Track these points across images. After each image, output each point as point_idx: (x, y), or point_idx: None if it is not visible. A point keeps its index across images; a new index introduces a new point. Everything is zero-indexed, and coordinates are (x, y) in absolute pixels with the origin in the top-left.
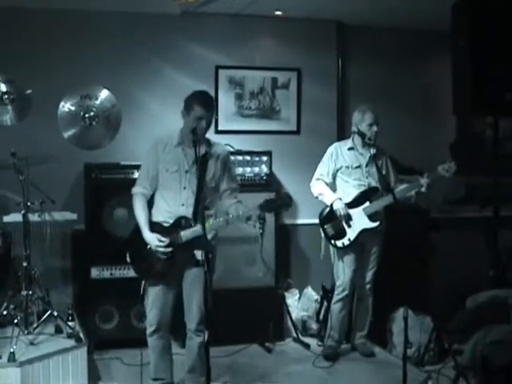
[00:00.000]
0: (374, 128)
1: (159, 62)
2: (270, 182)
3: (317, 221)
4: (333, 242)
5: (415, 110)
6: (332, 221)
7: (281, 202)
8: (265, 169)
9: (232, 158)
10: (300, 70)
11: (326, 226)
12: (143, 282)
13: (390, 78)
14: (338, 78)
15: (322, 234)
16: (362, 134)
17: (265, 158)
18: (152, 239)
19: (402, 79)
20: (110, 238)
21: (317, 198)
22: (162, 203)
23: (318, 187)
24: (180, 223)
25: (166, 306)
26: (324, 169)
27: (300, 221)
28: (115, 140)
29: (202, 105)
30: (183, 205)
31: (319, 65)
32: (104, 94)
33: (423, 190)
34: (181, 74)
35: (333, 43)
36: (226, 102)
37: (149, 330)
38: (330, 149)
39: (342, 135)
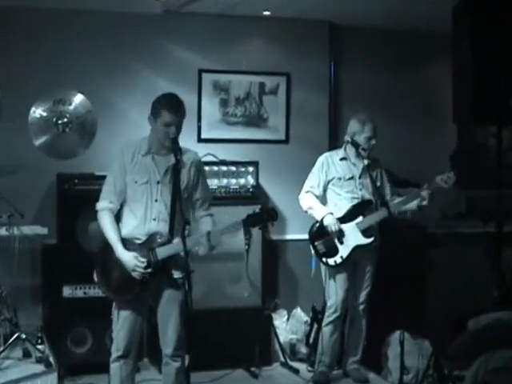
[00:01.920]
0: (373, 141)
1: (138, 65)
2: (256, 195)
3: (307, 236)
4: (324, 259)
5: (412, 118)
6: (323, 237)
7: (265, 216)
8: (251, 180)
9: (216, 168)
10: (289, 74)
11: (316, 243)
12: (113, 303)
13: (386, 83)
14: (331, 83)
15: (313, 252)
16: (356, 144)
17: (251, 169)
18: (130, 259)
19: (398, 84)
20: (84, 254)
21: (306, 212)
22: (130, 218)
23: (308, 200)
24: (154, 239)
25: (136, 330)
26: (314, 180)
27: (289, 236)
28: (90, 148)
29: (170, 110)
30: (155, 219)
31: (310, 69)
32: (78, 98)
33: (425, 202)
34: (162, 78)
35: (325, 45)
36: (209, 108)
37: (114, 355)
38: (321, 159)
39: (334, 144)
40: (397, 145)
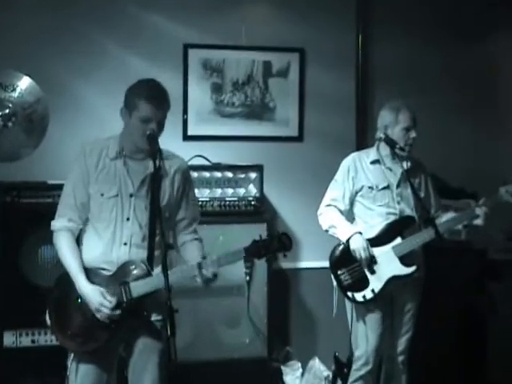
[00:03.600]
0: (412, 134)
1: (105, 41)
2: (260, 210)
3: (326, 264)
4: (350, 294)
5: (467, 108)
6: (349, 265)
7: (276, 245)
8: (253, 190)
9: (207, 174)
10: (303, 50)
11: (339, 272)
12: (71, 355)
13: (430, 61)
14: (358, 62)
15: (335, 283)
16: (391, 142)
17: (253, 175)
18: (94, 296)
19: (447, 63)
20: (32, 290)
21: (327, 231)
22: (94, 241)
23: (329, 217)
24: (128, 271)
25: None
26: (338, 191)
27: (303, 264)
28: (40, 149)
29: (150, 101)
30: (126, 244)
31: (330, 43)
32: (25, 83)
33: (479, 222)
34: (135, 56)
35: (350, 13)
36: (198, 95)
37: None
38: (347, 162)
39: (363, 142)
40: (447, 143)
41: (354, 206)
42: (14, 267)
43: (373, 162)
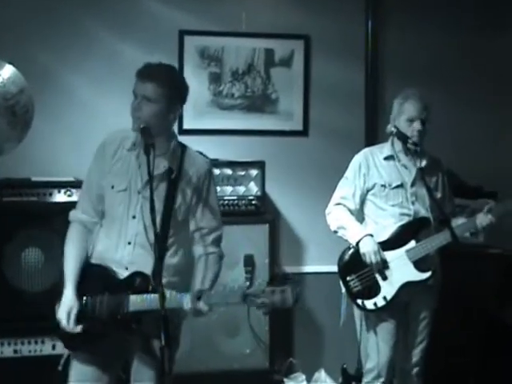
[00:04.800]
0: (417, 126)
1: (95, 26)
2: (261, 209)
3: (334, 268)
4: (360, 302)
5: (485, 100)
6: (359, 270)
7: (276, 300)
8: (254, 188)
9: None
10: (309, 37)
11: (348, 278)
12: (65, 354)
13: (446, 50)
14: (367, 50)
15: (343, 290)
16: (402, 137)
17: (254, 172)
18: (67, 304)
19: (465, 52)
20: (15, 296)
21: (335, 232)
22: (102, 238)
23: (338, 217)
24: (133, 282)
25: None
26: (348, 189)
27: (308, 268)
28: (24, 143)
29: (137, 75)
30: (129, 243)
31: (338, 29)
32: (7, 72)
33: (481, 226)
34: (127, 43)
35: None
36: (195, 86)
37: None
38: (358, 158)
39: (373, 138)
40: (465, 138)
41: (365, 205)
42: None
43: (386, 158)
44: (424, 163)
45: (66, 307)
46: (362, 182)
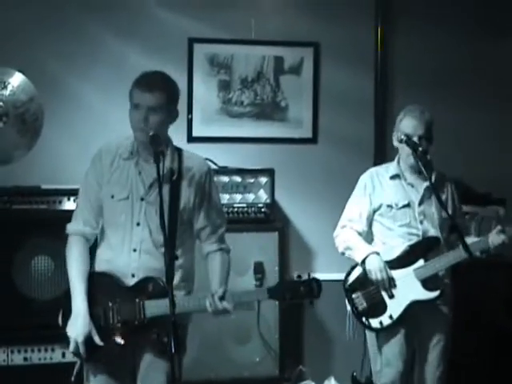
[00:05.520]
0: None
1: (103, 34)
2: (270, 217)
3: (343, 276)
4: (364, 320)
5: (494, 106)
6: (365, 288)
7: (303, 291)
8: (264, 196)
9: (214, 178)
10: (318, 44)
11: (354, 296)
12: (77, 365)
13: (458, 57)
14: (377, 58)
15: (348, 308)
16: (412, 143)
17: (264, 180)
18: (82, 324)
19: (476, 60)
20: (25, 304)
21: (343, 254)
22: (103, 248)
23: (345, 239)
24: (145, 288)
25: None
26: (354, 210)
27: (317, 276)
28: (34, 151)
29: (137, 85)
30: (135, 250)
31: (347, 37)
32: (17, 80)
33: (493, 246)
34: (136, 51)
35: (369, 4)
36: (204, 93)
37: None
38: (364, 178)
39: (382, 145)
40: (473, 144)
41: (373, 225)
42: (5, 279)
43: (392, 177)
44: (432, 180)
45: (83, 325)
46: (367, 203)
